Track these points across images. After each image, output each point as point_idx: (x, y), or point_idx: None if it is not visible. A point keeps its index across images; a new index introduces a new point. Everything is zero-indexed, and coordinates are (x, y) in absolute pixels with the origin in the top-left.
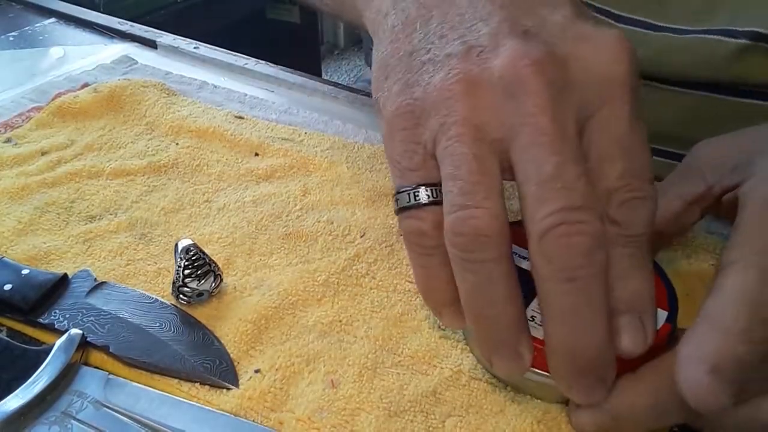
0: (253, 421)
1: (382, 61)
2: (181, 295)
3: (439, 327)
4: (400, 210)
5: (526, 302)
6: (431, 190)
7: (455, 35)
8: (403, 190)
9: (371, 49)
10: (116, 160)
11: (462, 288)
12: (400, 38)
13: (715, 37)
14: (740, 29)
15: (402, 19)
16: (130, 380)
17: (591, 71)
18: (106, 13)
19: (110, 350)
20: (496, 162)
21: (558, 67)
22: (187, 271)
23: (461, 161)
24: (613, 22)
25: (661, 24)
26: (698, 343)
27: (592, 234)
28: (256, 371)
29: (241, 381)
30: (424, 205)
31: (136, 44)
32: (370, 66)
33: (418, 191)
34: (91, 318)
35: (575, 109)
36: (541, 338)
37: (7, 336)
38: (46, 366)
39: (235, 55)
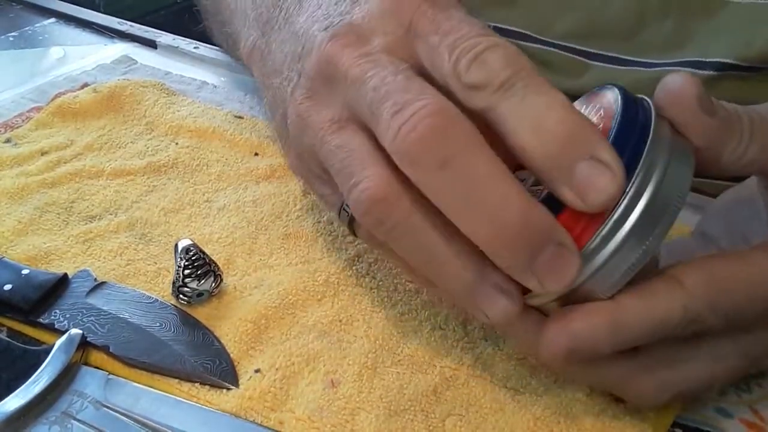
0: (253, 421)
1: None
2: (181, 295)
3: (440, 327)
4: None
5: None
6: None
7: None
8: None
9: None
10: (116, 160)
11: (404, 257)
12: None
13: (686, 69)
14: (707, 60)
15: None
16: (130, 380)
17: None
18: (106, 13)
19: (110, 350)
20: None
21: (349, 32)
22: (187, 271)
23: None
24: (584, 59)
25: (631, 58)
26: (586, 319)
27: (433, 113)
28: (256, 371)
29: (241, 381)
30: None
31: (136, 44)
32: None
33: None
34: (91, 318)
35: (383, 46)
36: None
37: (7, 336)
38: (46, 366)
39: None
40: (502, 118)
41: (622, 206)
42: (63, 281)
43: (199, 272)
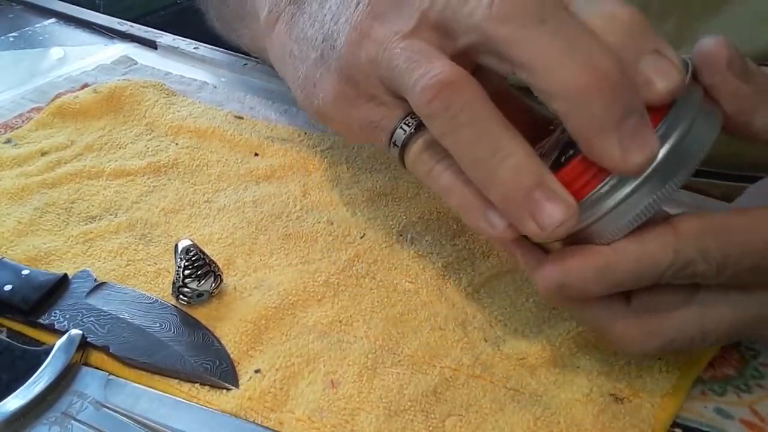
0: (253, 421)
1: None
2: (181, 296)
3: (440, 327)
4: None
5: None
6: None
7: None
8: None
9: None
10: (116, 161)
11: (461, 153)
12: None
13: None
14: None
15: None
16: (131, 381)
17: None
18: (106, 14)
19: (110, 351)
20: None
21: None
22: (187, 272)
23: (404, 61)
24: None
25: None
26: (578, 258)
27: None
28: (256, 371)
29: (241, 381)
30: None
31: (136, 44)
32: None
33: (407, 121)
34: (91, 318)
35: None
36: None
37: (7, 337)
38: (46, 366)
39: (235, 55)
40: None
41: None
42: (63, 282)
43: (199, 273)
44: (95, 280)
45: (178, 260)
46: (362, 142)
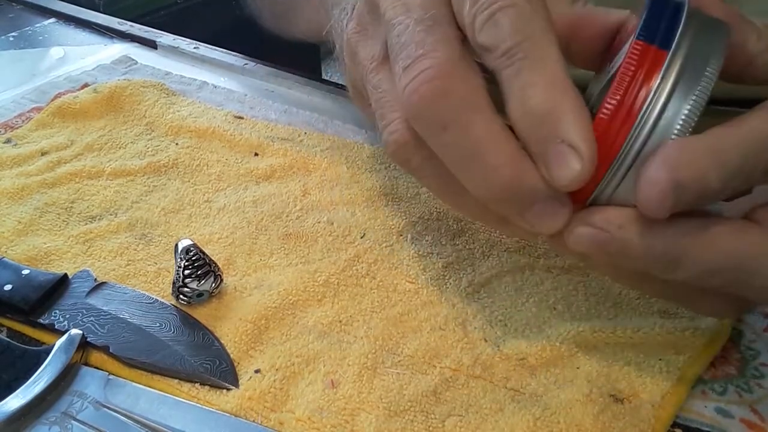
0: (253, 421)
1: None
2: (181, 296)
3: (440, 327)
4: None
5: None
6: None
7: None
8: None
9: None
10: (116, 161)
11: (451, 160)
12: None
13: None
14: None
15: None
16: (130, 380)
17: None
18: (106, 13)
19: (110, 350)
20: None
21: None
22: (187, 272)
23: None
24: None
25: None
26: (686, 149)
27: (436, 76)
28: (256, 371)
29: (241, 381)
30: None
31: (136, 44)
32: None
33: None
34: (91, 318)
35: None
36: None
37: (7, 336)
38: (46, 366)
39: (235, 56)
40: (502, 83)
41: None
42: (63, 281)
43: (199, 272)
44: (95, 280)
45: (178, 260)
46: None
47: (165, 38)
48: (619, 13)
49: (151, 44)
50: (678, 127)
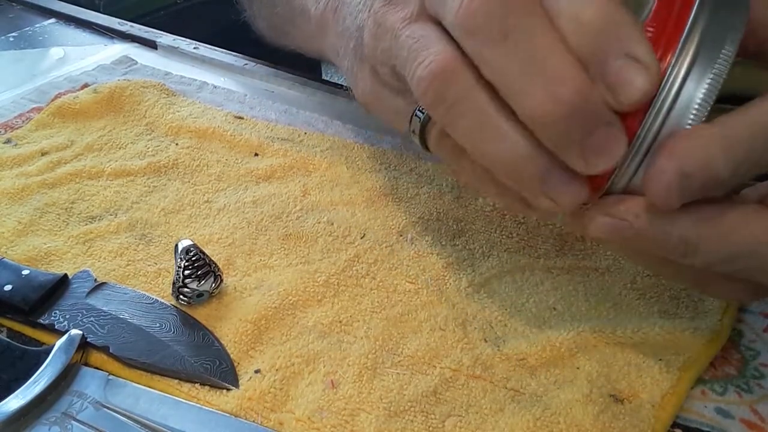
0: (253, 421)
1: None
2: (181, 296)
3: (439, 327)
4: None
5: None
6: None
7: None
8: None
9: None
10: (116, 161)
11: (464, 143)
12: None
13: None
14: None
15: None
16: (130, 381)
17: None
18: (106, 14)
19: (110, 351)
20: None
21: None
22: (187, 272)
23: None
24: None
25: None
26: (693, 139)
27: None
28: (256, 371)
29: (241, 381)
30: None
31: (136, 44)
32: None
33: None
34: (91, 318)
35: None
36: None
37: (7, 337)
38: (46, 366)
39: (234, 56)
40: (551, 4)
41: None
42: (63, 282)
43: (199, 273)
44: (95, 280)
45: (178, 260)
46: (399, 130)
47: (165, 38)
48: None
49: (151, 44)
50: (694, 110)
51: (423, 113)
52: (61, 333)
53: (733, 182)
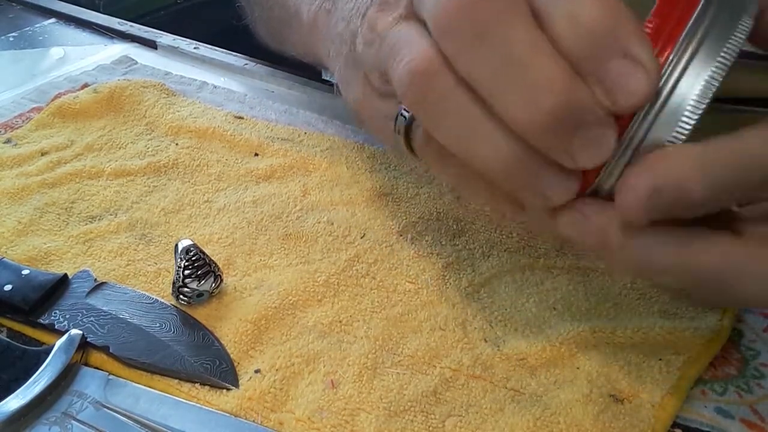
0: (253, 421)
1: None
2: (181, 296)
3: (439, 327)
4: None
5: None
6: None
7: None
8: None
9: None
10: (116, 161)
11: (447, 144)
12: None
13: None
14: None
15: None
16: (130, 381)
17: None
18: (106, 14)
19: (110, 351)
20: None
21: None
22: (187, 272)
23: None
24: None
25: None
26: (672, 157)
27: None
28: (256, 371)
29: (241, 381)
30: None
31: (136, 44)
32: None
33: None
34: (91, 318)
35: None
36: None
37: (7, 336)
38: (46, 366)
39: (235, 56)
40: (543, 1)
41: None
42: (63, 281)
43: (199, 273)
44: (95, 280)
45: (178, 260)
46: (389, 144)
47: (165, 38)
48: None
49: (151, 44)
50: (687, 111)
51: (407, 113)
52: (61, 333)
53: (710, 206)
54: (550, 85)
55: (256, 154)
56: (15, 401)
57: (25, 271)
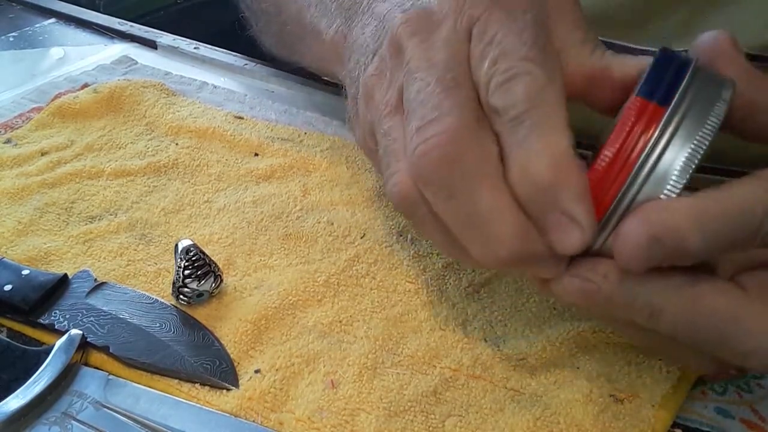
0: (253, 421)
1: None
2: (181, 296)
3: (440, 327)
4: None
5: None
6: None
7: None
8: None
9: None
10: (116, 161)
11: (454, 226)
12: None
13: None
14: None
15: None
16: (130, 381)
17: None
18: (106, 14)
19: (110, 351)
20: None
21: (422, 17)
22: (187, 272)
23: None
24: None
25: (642, 48)
26: (667, 209)
27: (447, 141)
28: (256, 371)
29: (241, 381)
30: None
31: (136, 44)
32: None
33: None
34: (91, 318)
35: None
36: None
37: (7, 337)
38: (46, 366)
39: (235, 56)
40: (506, 147)
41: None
42: (63, 282)
43: (199, 273)
44: (95, 280)
45: (178, 260)
46: None
47: (165, 38)
48: (636, 61)
49: (151, 44)
50: (672, 181)
51: None
52: (61, 333)
53: (705, 255)
54: (505, 240)
55: (256, 154)
56: (15, 401)
57: (25, 271)
